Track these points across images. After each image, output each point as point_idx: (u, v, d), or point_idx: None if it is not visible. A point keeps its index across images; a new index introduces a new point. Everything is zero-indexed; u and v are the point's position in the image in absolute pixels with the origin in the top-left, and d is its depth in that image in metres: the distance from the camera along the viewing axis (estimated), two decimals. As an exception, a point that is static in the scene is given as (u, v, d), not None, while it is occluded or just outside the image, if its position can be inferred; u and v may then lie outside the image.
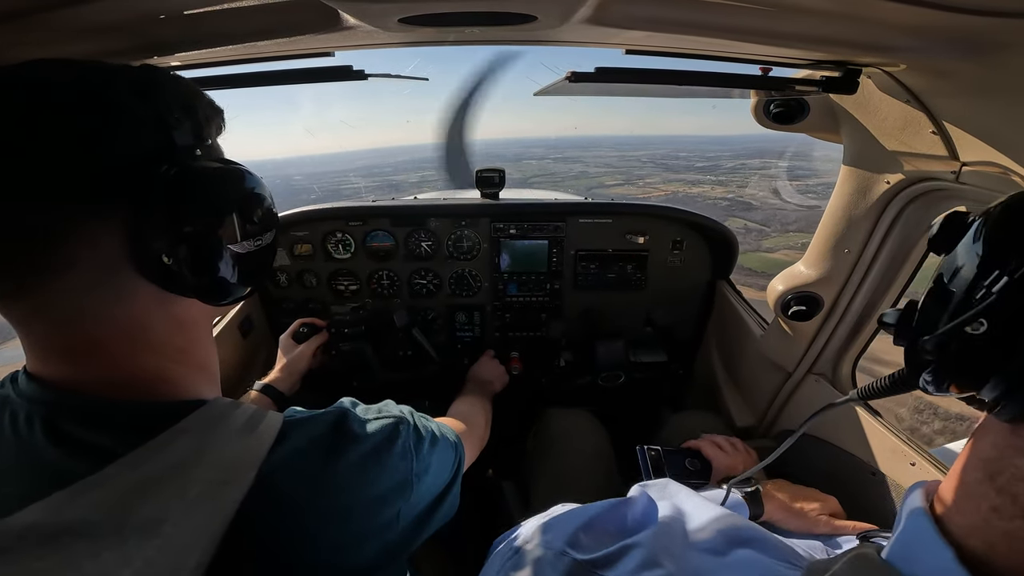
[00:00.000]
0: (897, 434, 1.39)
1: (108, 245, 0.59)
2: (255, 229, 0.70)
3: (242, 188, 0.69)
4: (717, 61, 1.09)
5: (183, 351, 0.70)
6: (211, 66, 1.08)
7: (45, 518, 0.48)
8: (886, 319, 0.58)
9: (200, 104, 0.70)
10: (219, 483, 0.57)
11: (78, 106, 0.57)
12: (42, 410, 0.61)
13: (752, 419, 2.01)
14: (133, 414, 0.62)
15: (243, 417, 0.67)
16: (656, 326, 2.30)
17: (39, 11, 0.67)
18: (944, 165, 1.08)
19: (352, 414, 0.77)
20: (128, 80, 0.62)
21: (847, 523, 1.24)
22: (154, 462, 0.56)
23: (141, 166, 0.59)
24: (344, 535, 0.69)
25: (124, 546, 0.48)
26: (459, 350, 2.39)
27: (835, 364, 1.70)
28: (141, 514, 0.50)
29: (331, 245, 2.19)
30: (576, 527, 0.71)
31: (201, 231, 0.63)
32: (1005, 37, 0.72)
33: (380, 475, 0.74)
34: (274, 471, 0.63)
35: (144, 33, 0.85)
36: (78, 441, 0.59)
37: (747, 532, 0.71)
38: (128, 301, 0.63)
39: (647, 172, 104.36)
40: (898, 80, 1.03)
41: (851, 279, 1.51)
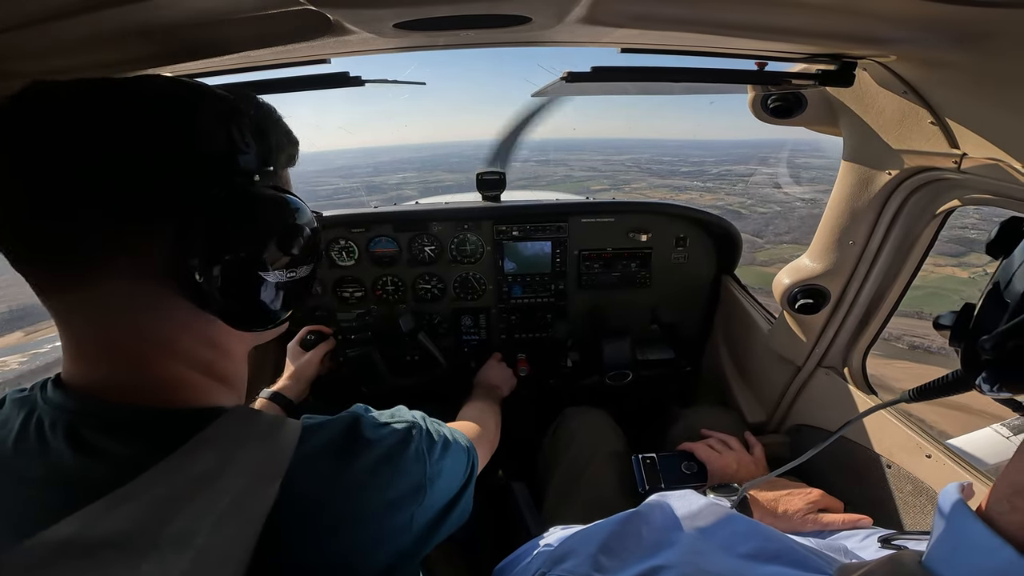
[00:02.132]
0: (911, 426, 1.38)
1: (150, 256, 0.61)
2: (292, 261, 0.71)
3: (286, 219, 0.69)
4: (713, 57, 1.09)
5: (211, 364, 0.71)
6: (207, 76, 1.08)
7: (82, 531, 0.49)
8: (942, 321, 0.58)
9: (276, 131, 0.73)
10: (247, 495, 0.58)
11: (154, 122, 0.60)
12: (65, 417, 0.62)
13: (763, 414, 2.00)
14: (154, 421, 0.63)
15: (264, 425, 0.67)
16: (662, 324, 2.29)
17: (36, 23, 0.68)
18: (945, 155, 1.08)
19: (366, 419, 0.77)
20: (209, 101, 0.65)
21: (835, 517, 1.23)
22: (182, 473, 0.56)
23: (197, 183, 0.61)
24: (359, 538, 0.69)
25: (161, 559, 0.48)
26: (466, 353, 2.39)
27: (845, 357, 1.69)
28: (174, 527, 0.51)
29: (335, 252, 2.20)
30: (596, 549, 0.71)
31: (235, 256, 0.64)
32: (997, 27, 0.72)
33: (394, 479, 0.74)
34: (293, 475, 0.64)
35: (140, 44, 0.86)
36: (97, 447, 0.60)
37: (775, 545, 0.71)
38: (160, 313, 0.64)
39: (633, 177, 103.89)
40: (894, 72, 1.02)
41: (857, 271, 1.50)
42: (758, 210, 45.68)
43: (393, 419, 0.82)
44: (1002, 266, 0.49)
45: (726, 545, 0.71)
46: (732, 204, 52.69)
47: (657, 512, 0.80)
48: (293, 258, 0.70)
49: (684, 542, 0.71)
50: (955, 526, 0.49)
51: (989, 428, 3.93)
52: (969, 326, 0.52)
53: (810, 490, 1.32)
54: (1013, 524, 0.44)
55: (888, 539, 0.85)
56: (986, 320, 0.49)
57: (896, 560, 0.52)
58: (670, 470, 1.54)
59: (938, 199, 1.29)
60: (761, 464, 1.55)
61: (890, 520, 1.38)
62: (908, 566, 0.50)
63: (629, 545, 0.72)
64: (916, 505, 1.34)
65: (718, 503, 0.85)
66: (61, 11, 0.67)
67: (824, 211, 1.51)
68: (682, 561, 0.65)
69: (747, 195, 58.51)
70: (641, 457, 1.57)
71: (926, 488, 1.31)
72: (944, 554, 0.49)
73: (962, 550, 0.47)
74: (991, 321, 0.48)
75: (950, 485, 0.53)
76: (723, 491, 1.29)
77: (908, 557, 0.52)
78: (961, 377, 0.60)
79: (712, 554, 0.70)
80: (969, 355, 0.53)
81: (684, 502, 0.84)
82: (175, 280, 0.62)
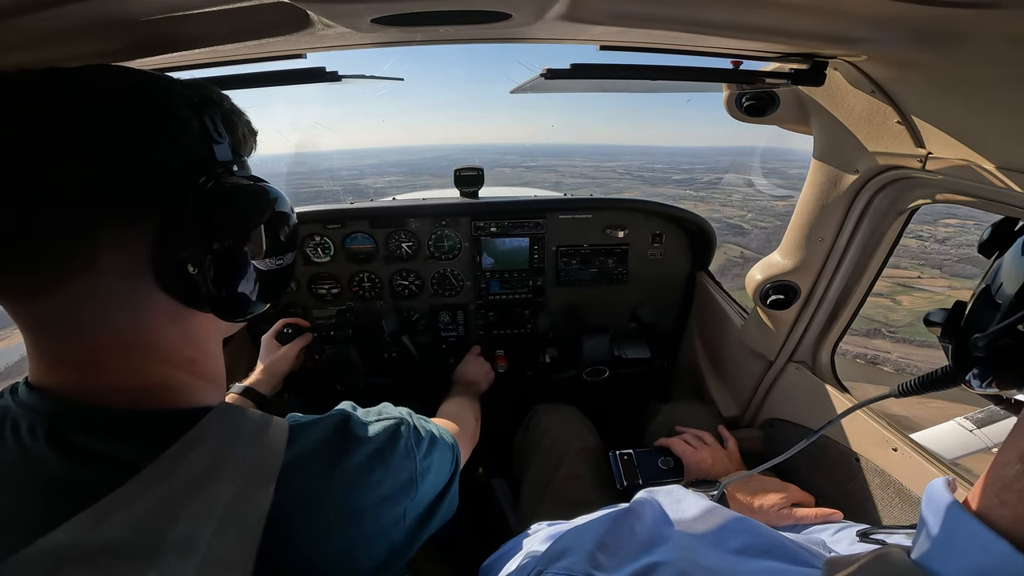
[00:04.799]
0: (879, 421, 1.42)
1: (133, 252, 0.60)
2: (279, 248, 0.71)
3: (271, 206, 0.70)
4: (690, 55, 1.10)
5: (193, 362, 0.70)
6: (178, 70, 1.06)
7: (80, 538, 0.48)
8: (932, 318, 0.59)
9: (241, 122, 0.73)
10: (243, 499, 0.57)
11: (134, 112, 0.59)
12: (45, 420, 0.60)
13: (737, 409, 2.04)
14: (139, 422, 0.62)
15: (252, 424, 0.67)
16: (642, 322, 2.32)
17: (7, 17, 0.66)
18: (910, 154, 1.11)
19: (354, 417, 0.78)
20: (185, 93, 0.65)
21: (808, 511, 1.27)
22: (174, 476, 0.56)
23: (181, 176, 0.61)
24: (354, 536, 0.70)
25: (165, 566, 0.48)
26: (444, 350, 2.39)
27: (815, 351, 1.73)
28: (175, 532, 0.50)
29: (309, 248, 2.17)
30: (592, 546, 0.71)
31: (228, 245, 0.64)
32: (964, 27, 0.74)
33: (386, 475, 0.75)
34: (286, 476, 0.63)
35: (109, 37, 0.84)
36: (83, 450, 0.58)
37: (764, 540, 0.72)
38: (141, 310, 0.63)
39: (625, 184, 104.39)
40: (863, 71, 1.05)
41: (826, 267, 1.54)
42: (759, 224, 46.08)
43: (381, 416, 0.82)
44: (994, 266, 0.51)
45: (717, 540, 0.72)
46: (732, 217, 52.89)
47: (648, 509, 0.80)
48: (280, 245, 0.71)
49: (677, 538, 0.71)
50: (946, 521, 0.48)
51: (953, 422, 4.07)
52: (960, 324, 0.53)
53: (784, 485, 1.35)
54: (1003, 518, 0.44)
55: (866, 533, 0.86)
56: (977, 318, 0.50)
57: (884, 557, 0.52)
58: (647, 466, 1.56)
59: (903, 197, 1.33)
60: (735, 458, 1.58)
61: (858, 513, 1.42)
62: (898, 563, 0.50)
63: (624, 542, 0.73)
64: (884, 498, 1.38)
65: (705, 498, 0.86)
66: (28, 5, 0.65)
67: (795, 208, 1.54)
68: (677, 557, 0.66)
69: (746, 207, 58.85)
70: (618, 453, 1.59)
71: (893, 481, 1.35)
72: (937, 550, 0.49)
73: (956, 546, 0.47)
74: (982, 319, 0.49)
75: (936, 480, 0.53)
76: (701, 487, 1.31)
77: (896, 554, 0.51)
78: (950, 373, 0.60)
79: (704, 550, 0.70)
80: (960, 352, 0.53)
81: (673, 498, 0.85)
82: (155, 276, 0.61)
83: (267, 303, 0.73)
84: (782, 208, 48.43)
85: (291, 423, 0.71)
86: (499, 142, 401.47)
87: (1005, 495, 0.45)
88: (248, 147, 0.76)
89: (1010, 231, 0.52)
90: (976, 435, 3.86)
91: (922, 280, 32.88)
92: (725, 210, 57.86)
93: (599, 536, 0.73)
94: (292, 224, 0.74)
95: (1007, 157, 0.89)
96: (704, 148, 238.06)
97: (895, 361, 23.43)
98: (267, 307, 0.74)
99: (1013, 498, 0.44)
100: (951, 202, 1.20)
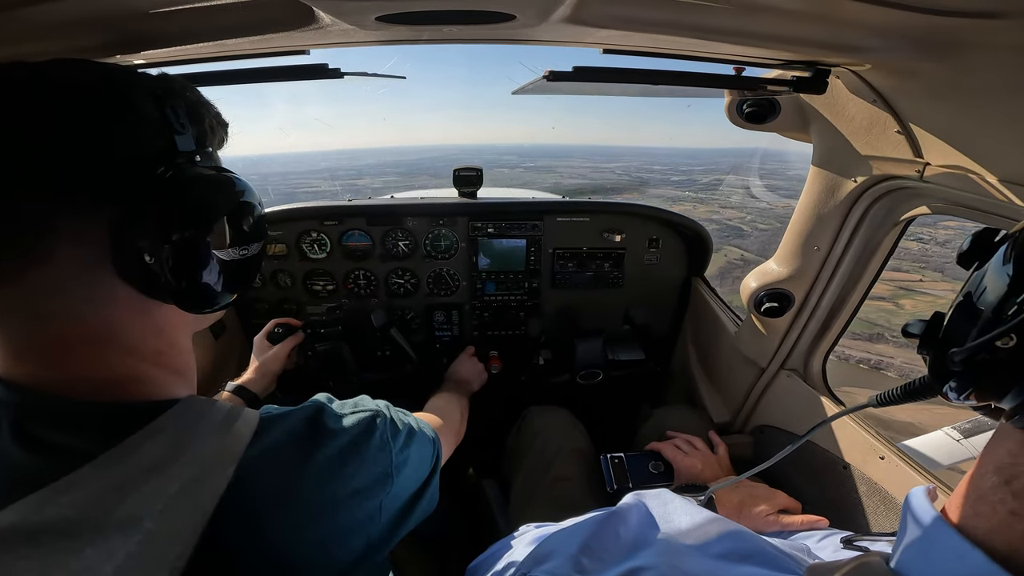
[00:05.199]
0: (866, 429, 1.43)
1: (92, 242, 0.59)
2: (242, 238, 0.70)
3: (234, 196, 0.69)
4: (692, 61, 1.11)
5: (160, 354, 0.69)
6: (181, 64, 1.05)
7: (25, 518, 0.47)
8: (910, 329, 0.58)
9: (208, 114, 0.73)
10: (197, 480, 0.56)
11: (89, 104, 0.59)
12: (9, 412, 0.59)
13: (728, 414, 2.04)
14: (105, 415, 0.61)
15: (219, 414, 0.66)
16: (634, 324, 2.33)
17: (5, 8, 0.66)
18: (909, 164, 1.12)
19: (328, 409, 0.77)
20: (145, 84, 0.64)
21: (794, 518, 1.27)
22: (131, 460, 0.55)
23: (139, 166, 0.60)
24: (327, 530, 0.69)
25: (106, 543, 0.47)
26: (438, 349, 2.39)
27: (806, 360, 1.74)
28: (121, 511, 0.50)
29: (306, 245, 2.17)
30: (576, 550, 0.71)
31: (188, 236, 0.63)
32: (967, 37, 0.75)
33: (359, 468, 0.74)
34: (252, 467, 0.63)
35: (113, 30, 0.83)
36: (47, 443, 0.58)
37: (747, 545, 0.72)
38: (105, 302, 0.62)
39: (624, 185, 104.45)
40: (865, 80, 1.05)
41: (820, 276, 1.54)
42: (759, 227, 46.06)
43: (356, 408, 0.81)
44: (973, 278, 0.50)
45: (700, 545, 0.72)
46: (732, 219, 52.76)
47: (633, 512, 0.80)
48: (243, 235, 0.70)
49: (660, 542, 0.72)
50: (924, 530, 0.49)
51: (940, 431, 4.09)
52: (939, 335, 0.53)
53: (772, 492, 1.36)
54: (978, 529, 0.45)
55: (850, 540, 0.87)
56: (955, 331, 0.50)
57: (865, 564, 0.53)
58: (638, 470, 1.57)
59: (900, 207, 1.34)
60: (725, 464, 1.58)
61: (845, 520, 1.43)
62: (877, 571, 0.51)
63: (608, 545, 0.73)
64: (870, 506, 1.38)
65: (691, 502, 0.86)
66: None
67: (792, 216, 1.55)
68: (659, 562, 0.66)
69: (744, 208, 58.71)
70: (609, 457, 1.60)
71: (880, 489, 1.36)
72: (914, 558, 0.49)
73: (932, 554, 0.48)
74: (960, 332, 0.48)
75: (916, 489, 0.54)
76: (690, 491, 1.31)
77: (875, 562, 0.52)
78: (928, 384, 0.61)
79: (687, 554, 0.70)
80: (938, 364, 0.53)
81: (659, 501, 0.85)
82: (117, 267, 0.61)
83: (233, 294, 0.73)
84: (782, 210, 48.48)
85: (263, 415, 0.71)
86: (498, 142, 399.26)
87: (980, 506, 0.46)
88: (216, 138, 0.76)
89: (990, 242, 0.51)
90: (963, 445, 3.88)
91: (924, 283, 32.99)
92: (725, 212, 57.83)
93: (583, 539, 0.74)
94: (257, 214, 0.73)
95: (1005, 169, 0.90)
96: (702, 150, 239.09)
97: (899, 367, 23.16)
98: (233, 298, 0.73)
99: (988, 509, 0.45)
100: (947, 213, 1.20)
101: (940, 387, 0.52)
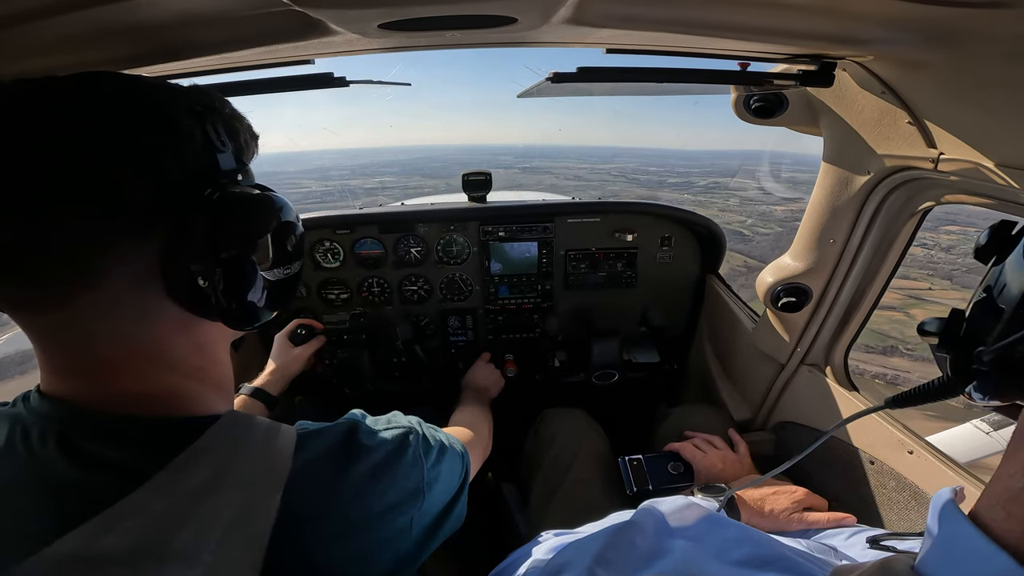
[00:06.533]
0: (893, 423, 1.40)
1: (141, 263, 0.60)
2: (287, 257, 0.71)
3: (279, 216, 0.69)
4: (697, 57, 1.10)
5: (201, 370, 0.70)
6: (188, 76, 1.07)
7: (85, 546, 0.48)
8: (927, 327, 0.56)
9: (242, 128, 0.73)
10: (248, 508, 0.57)
11: (139, 122, 0.59)
12: (56, 427, 0.60)
13: (748, 412, 2.02)
14: (149, 429, 0.62)
15: (260, 432, 0.67)
16: (651, 327, 2.31)
17: (12, 23, 0.67)
18: (922, 155, 1.10)
19: (363, 425, 0.78)
20: (186, 101, 0.64)
21: (820, 516, 1.24)
22: (181, 485, 0.56)
23: (188, 187, 0.60)
24: (363, 543, 0.70)
25: (168, 574, 0.48)
26: (453, 355, 2.39)
27: (827, 354, 1.72)
28: (179, 541, 0.51)
29: (319, 254, 2.18)
30: (591, 561, 0.70)
31: (238, 256, 0.64)
32: (970, 27, 0.73)
33: (392, 484, 0.75)
34: (293, 484, 0.63)
35: (120, 45, 0.85)
36: (94, 457, 0.59)
37: (767, 551, 0.71)
38: (151, 321, 0.63)
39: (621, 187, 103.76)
40: (872, 72, 1.04)
41: (838, 269, 1.52)
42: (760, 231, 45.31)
43: (390, 425, 0.82)
44: (993, 272, 0.48)
45: (719, 552, 0.71)
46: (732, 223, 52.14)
47: (649, 521, 0.79)
48: (288, 254, 0.71)
49: (677, 551, 0.71)
50: (949, 532, 0.47)
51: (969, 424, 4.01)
52: (959, 334, 0.51)
53: (795, 489, 1.33)
54: (1010, 532, 0.43)
55: (877, 539, 0.85)
56: (977, 328, 0.48)
57: (888, 566, 0.51)
58: (657, 471, 1.55)
59: (916, 198, 1.31)
60: (746, 462, 1.56)
61: (873, 517, 1.40)
62: (900, 572, 0.49)
63: (624, 555, 0.72)
64: (899, 501, 1.36)
65: (708, 508, 0.85)
66: (40, 11, 0.66)
67: (805, 211, 1.53)
68: (677, 571, 0.65)
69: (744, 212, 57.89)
70: (628, 459, 1.58)
71: (909, 484, 1.33)
72: (938, 561, 0.47)
73: (957, 557, 0.46)
74: (983, 329, 0.46)
75: (943, 489, 0.52)
76: (711, 491, 1.29)
77: (900, 562, 0.50)
78: (949, 384, 0.58)
79: (706, 562, 0.69)
80: (960, 363, 0.51)
81: (676, 508, 0.83)
82: (165, 287, 0.61)
83: (275, 311, 0.73)
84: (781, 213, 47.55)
85: (299, 431, 0.71)
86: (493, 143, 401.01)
87: (1013, 508, 0.44)
88: (250, 153, 0.76)
89: (1008, 235, 0.49)
90: (993, 437, 3.80)
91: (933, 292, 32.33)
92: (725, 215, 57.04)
93: (599, 550, 0.73)
94: (299, 233, 0.74)
95: (1020, 157, 0.88)
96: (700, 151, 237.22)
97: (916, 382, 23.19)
98: (275, 315, 0.74)
99: (1021, 512, 0.43)
100: (964, 203, 1.18)
101: (963, 387, 0.50)
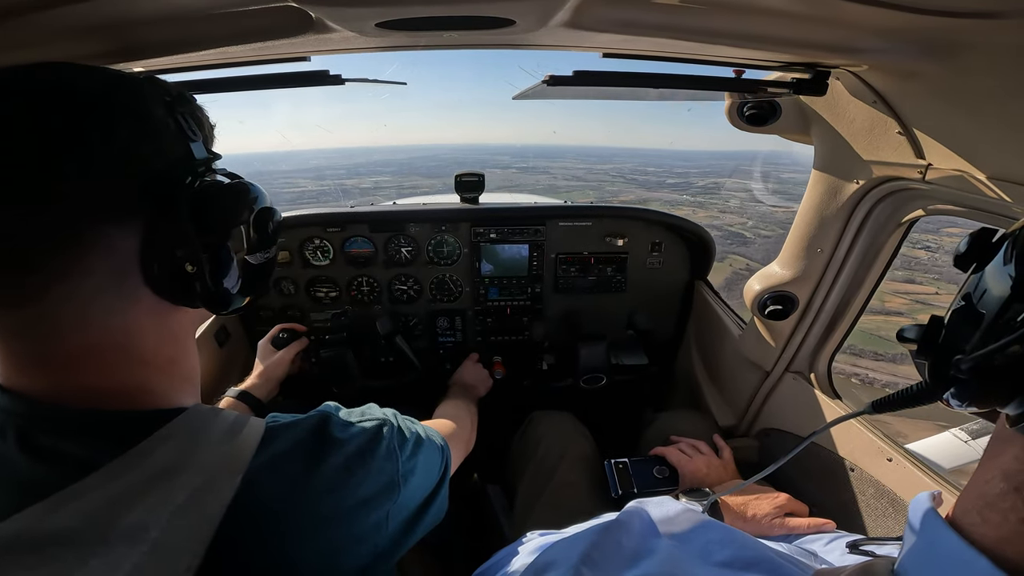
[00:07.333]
0: (873, 431, 1.42)
1: (120, 252, 0.59)
2: (266, 241, 0.73)
3: (257, 202, 0.71)
4: (692, 64, 1.11)
5: (172, 361, 0.69)
6: (182, 71, 1.06)
7: (28, 528, 0.47)
8: (906, 334, 0.56)
9: (205, 119, 0.73)
10: (204, 489, 0.56)
11: (116, 113, 0.58)
12: (16, 421, 0.59)
13: (733, 418, 2.03)
14: (112, 424, 0.61)
15: (225, 423, 0.66)
16: (638, 329, 2.32)
17: (8, 15, 0.66)
18: (910, 166, 1.11)
19: (335, 417, 0.76)
20: (157, 92, 0.64)
21: (801, 521, 1.25)
22: (138, 469, 0.55)
23: (166, 175, 0.61)
24: (333, 539, 0.69)
25: (111, 553, 0.47)
26: (441, 355, 2.38)
27: (811, 362, 1.73)
28: (126, 521, 0.50)
29: (309, 252, 2.17)
30: (577, 560, 0.70)
31: (221, 242, 0.66)
32: (964, 38, 0.75)
33: (366, 477, 0.74)
34: (258, 475, 0.63)
35: (115, 37, 0.84)
36: (53, 452, 0.57)
37: (750, 553, 0.71)
38: (127, 310, 0.62)
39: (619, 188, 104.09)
40: (865, 81, 1.05)
41: (824, 278, 1.54)
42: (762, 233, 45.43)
43: (363, 417, 0.81)
44: (972, 280, 0.48)
45: (703, 553, 0.72)
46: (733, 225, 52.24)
47: (636, 521, 0.80)
48: (268, 238, 0.73)
49: (662, 551, 0.71)
50: (929, 537, 0.48)
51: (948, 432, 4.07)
52: (938, 340, 0.51)
53: (777, 494, 1.34)
54: (986, 537, 0.44)
55: (856, 544, 0.86)
56: (956, 335, 0.48)
57: (869, 570, 0.52)
58: (642, 475, 1.56)
59: (903, 208, 1.33)
60: (730, 467, 1.57)
61: (853, 523, 1.42)
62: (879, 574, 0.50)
63: (609, 555, 0.72)
64: (878, 508, 1.37)
65: (693, 509, 0.85)
66: (31, 4, 0.65)
67: (794, 219, 1.55)
68: (661, 571, 0.65)
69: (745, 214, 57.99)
70: (614, 462, 1.59)
71: (887, 491, 1.35)
72: (918, 565, 0.48)
73: (936, 561, 0.47)
74: (961, 336, 0.47)
75: (921, 494, 0.53)
76: (695, 495, 1.30)
77: (880, 566, 0.51)
78: (927, 390, 0.58)
79: (690, 563, 0.70)
80: (938, 370, 0.51)
81: (661, 510, 0.84)
82: (144, 275, 0.61)
83: (254, 295, 0.76)
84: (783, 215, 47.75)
85: (269, 424, 0.70)
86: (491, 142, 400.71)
87: (988, 513, 0.44)
88: (212, 142, 0.76)
89: (988, 242, 0.49)
90: (971, 446, 3.86)
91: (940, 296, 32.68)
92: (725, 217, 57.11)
93: (585, 549, 0.73)
94: (276, 220, 0.75)
95: (1006, 169, 0.89)
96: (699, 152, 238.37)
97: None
98: (257, 297, 0.76)
99: (997, 517, 0.44)
100: (950, 214, 1.20)
101: (941, 393, 0.50)
